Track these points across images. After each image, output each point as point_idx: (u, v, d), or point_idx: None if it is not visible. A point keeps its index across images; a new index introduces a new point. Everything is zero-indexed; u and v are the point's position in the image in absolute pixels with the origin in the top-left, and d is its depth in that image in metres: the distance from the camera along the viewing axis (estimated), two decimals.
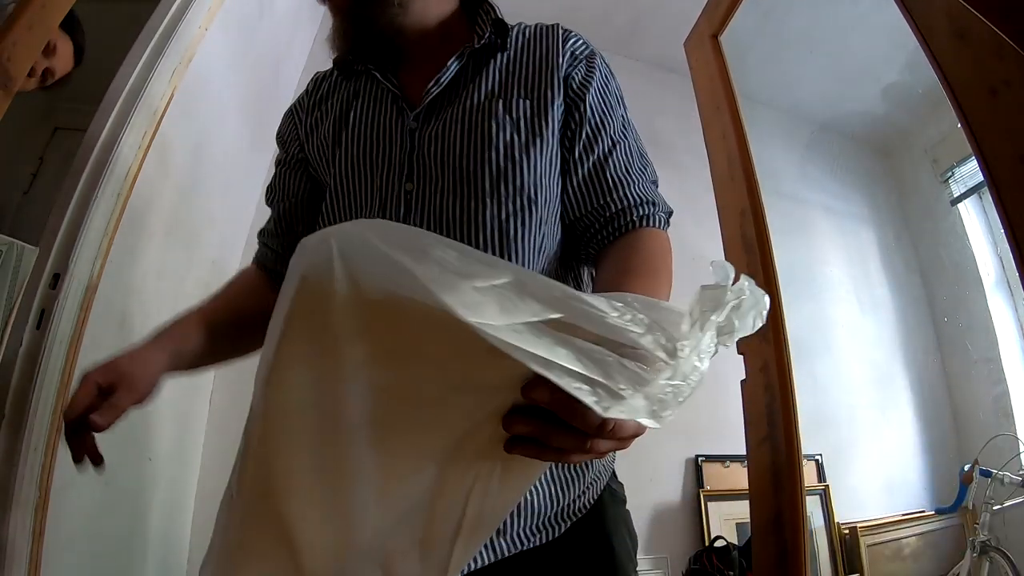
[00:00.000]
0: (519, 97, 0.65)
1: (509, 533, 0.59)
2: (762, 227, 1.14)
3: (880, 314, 2.80)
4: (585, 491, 0.64)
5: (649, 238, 0.66)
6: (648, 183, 0.71)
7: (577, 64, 0.70)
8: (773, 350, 1.03)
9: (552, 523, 0.61)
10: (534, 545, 0.60)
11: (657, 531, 1.98)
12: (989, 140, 0.71)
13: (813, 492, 2.22)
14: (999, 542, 1.98)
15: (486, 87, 0.66)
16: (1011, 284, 2.52)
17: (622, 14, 2.60)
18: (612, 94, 0.72)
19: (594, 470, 0.66)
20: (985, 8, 0.66)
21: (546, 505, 0.60)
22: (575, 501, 0.62)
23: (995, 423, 2.37)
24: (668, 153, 2.60)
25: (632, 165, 0.69)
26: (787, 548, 0.92)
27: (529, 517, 0.60)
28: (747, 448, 1.08)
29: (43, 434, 0.85)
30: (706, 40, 1.38)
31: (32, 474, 0.82)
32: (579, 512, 0.62)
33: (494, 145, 0.62)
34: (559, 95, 0.66)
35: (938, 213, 2.83)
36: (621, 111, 0.72)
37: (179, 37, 1.17)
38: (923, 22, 0.81)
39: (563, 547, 0.61)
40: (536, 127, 0.64)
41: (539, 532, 0.60)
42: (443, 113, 0.65)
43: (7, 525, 0.78)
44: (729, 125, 1.26)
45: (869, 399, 2.60)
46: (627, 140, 0.71)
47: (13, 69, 0.81)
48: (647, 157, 0.74)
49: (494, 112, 0.64)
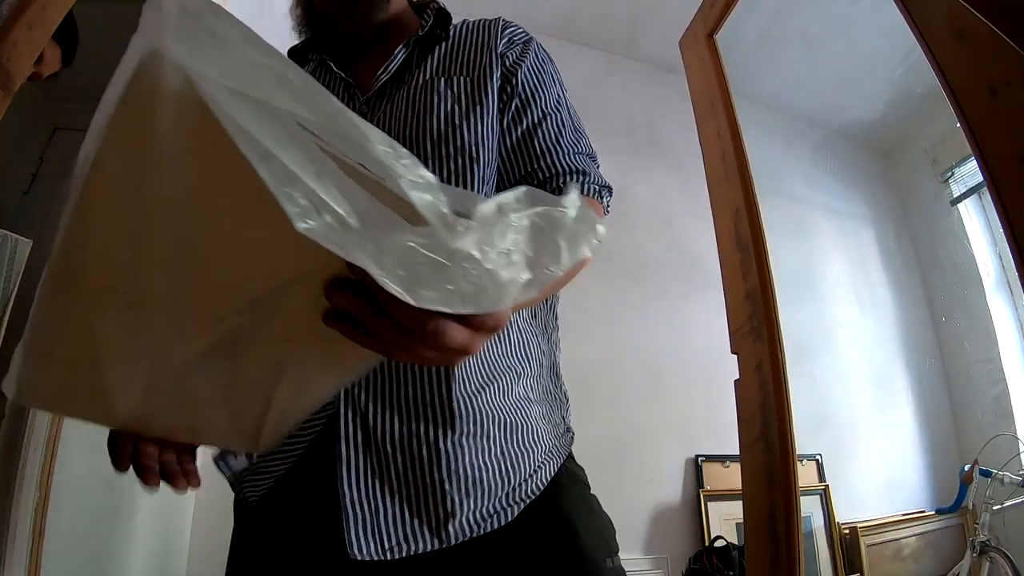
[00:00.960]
0: (459, 75, 0.69)
1: (459, 518, 0.56)
2: (756, 225, 1.13)
3: (880, 314, 2.80)
4: (538, 469, 0.61)
5: None
6: (581, 155, 0.71)
7: (513, 47, 0.72)
8: (767, 349, 1.03)
9: (504, 505, 0.58)
10: (485, 531, 0.57)
11: (657, 531, 1.98)
12: (989, 140, 0.71)
13: (813, 492, 2.22)
14: (999, 542, 1.98)
15: (430, 69, 0.70)
16: (1011, 284, 2.52)
17: (622, 14, 2.60)
18: (547, 73, 0.73)
19: (544, 445, 0.63)
20: (985, 8, 0.67)
21: (498, 483, 0.58)
22: (527, 480, 0.60)
23: (995, 423, 2.38)
24: (668, 153, 2.60)
25: (563, 136, 0.70)
26: (780, 549, 0.91)
27: (480, 498, 0.57)
28: (740, 448, 1.08)
29: (43, 434, 0.85)
30: (701, 39, 1.38)
31: (32, 474, 0.82)
32: (532, 493, 0.59)
33: (435, 114, 0.65)
34: (496, 70, 0.70)
35: (938, 213, 2.84)
36: (557, 89, 0.73)
37: None
38: (923, 22, 0.80)
39: (519, 532, 0.58)
40: (475, 96, 0.67)
41: (491, 516, 0.57)
42: (391, 96, 0.69)
43: (7, 525, 0.78)
44: (724, 123, 1.25)
45: (869, 399, 2.60)
46: (559, 113, 0.71)
47: (13, 69, 0.81)
48: (582, 132, 0.74)
49: (436, 87, 0.67)
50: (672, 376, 2.19)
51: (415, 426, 0.58)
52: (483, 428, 0.59)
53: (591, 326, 2.13)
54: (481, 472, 0.58)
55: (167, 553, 1.32)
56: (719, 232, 1.23)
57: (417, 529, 0.56)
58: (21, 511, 0.80)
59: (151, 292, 0.34)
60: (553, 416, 0.66)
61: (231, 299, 0.35)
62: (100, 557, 1.04)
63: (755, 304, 1.07)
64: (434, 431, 0.58)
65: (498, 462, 0.59)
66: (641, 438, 2.07)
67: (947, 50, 0.77)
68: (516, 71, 0.70)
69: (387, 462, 0.57)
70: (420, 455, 0.57)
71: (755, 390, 1.03)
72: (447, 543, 0.56)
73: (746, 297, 1.10)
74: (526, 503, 0.59)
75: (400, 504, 0.57)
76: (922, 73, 0.83)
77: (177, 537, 1.38)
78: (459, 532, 0.56)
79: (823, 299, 2.68)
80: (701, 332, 2.22)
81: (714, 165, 1.28)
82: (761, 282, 1.08)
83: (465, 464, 0.57)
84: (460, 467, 0.57)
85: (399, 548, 0.56)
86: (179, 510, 1.40)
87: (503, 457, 0.59)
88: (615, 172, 2.97)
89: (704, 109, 1.35)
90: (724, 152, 1.24)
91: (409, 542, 0.56)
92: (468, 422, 0.58)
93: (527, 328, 0.67)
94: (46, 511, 0.84)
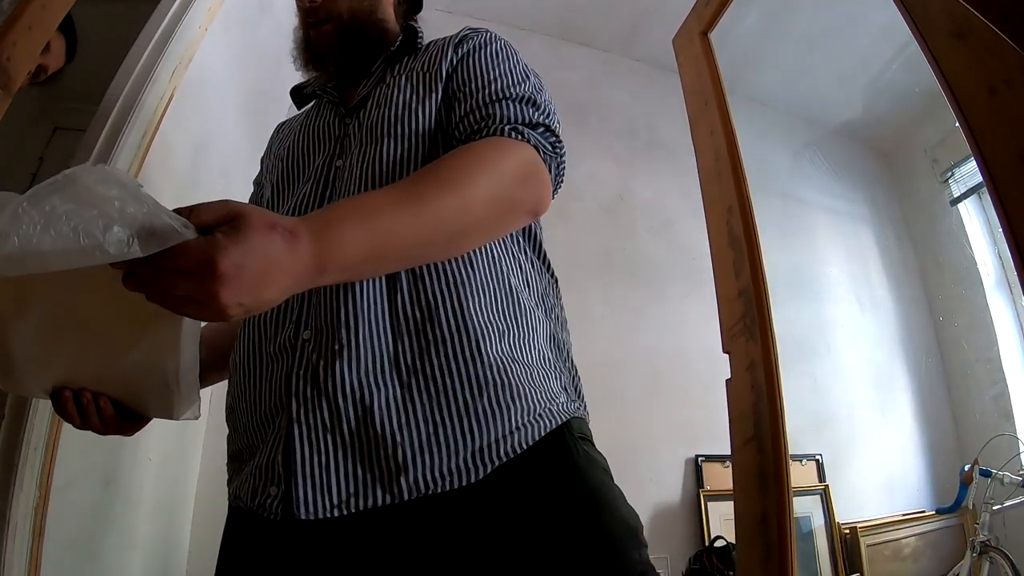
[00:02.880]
0: (419, 71, 0.76)
1: (412, 473, 0.54)
2: (749, 224, 1.13)
3: (880, 314, 2.80)
4: (518, 429, 0.57)
5: (477, 144, 0.64)
6: (506, 100, 0.68)
7: (465, 41, 0.77)
8: (760, 349, 1.02)
9: (470, 464, 0.55)
10: (444, 489, 0.54)
11: (657, 531, 1.98)
12: (988, 139, 0.71)
13: (813, 492, 2.22)
14: (999, 542, 1.98)
15: (396, 73, 0.78)
16: (1011, 284, 2.52)
17: (622, 14, 2.60)
18: (487, 47, 0.75)
19: (529, 407, 0.58)
20: (985, 8, 0.67)
21: (459, 440, 0.55)
22: (502, 440, 0.56)
23: (995, 423, 2.38)
24: (668, 153, 2.60)
25: (487, 75, 0.71)
26: (772, 552, 0.90)
27: (437, 455, 0.54)
28: (731, 448, 1.07)
29: (43, 434, 0.85)
30: (695, 37, 1.38)
31: (32, 474, 0.82)
32: (508, 453, 0.55)
33: (394, 102, 0.72)
34: (447, 62, 0.75)
35: (938, 213, 2.84)
36: (510, 64, 0.73)
37: (179, 37, 1.17)
38: (923, 21, 0.80)
39: (497, 492, 0.54)
40: (429, 86, 0.73)
41: (451, 474, 0.54)
42: (366, 104, 0.77)
43: (7, 525, 0.78)
44: (717, 121, 1.25)
45: (869, 399, 2.60)
46: (509, 78, 0.71)
47: (13, 69, 0.81)
48: (522, 78, 0.72)
49: (397, 83, 0.75)
50: (672, 376, 2.19)
51: (367, 378, 0.56)
52: (441, 383, 0.57)
53: (591, 326, 2.13)
54: (437, 427, 0.55)
55: (167, 553, 1.32)
56: (711, 230, 1.23)
57: (368, 483, 0.54)
58: (21, 511, 0.80)
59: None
60: (550, 384, 0.62)
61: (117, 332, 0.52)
62: (100, 557, 1.04)
63: (748, 303, 1.07)
64: (386, 383, 0.56)
65: (460, 418, 0.56)
66: (641, 438, 2.07)
67: (947, 49, 0.77)
68: (462, 56, 0.75)
69: (339, 416, 0.56)
70: (372, 407, 0.56)
71: (747, 390, 1.03)
72: (399, 498, 0.54)
73: (738, 296, 1.10)
74: (501, 463, 0.55)
75: (351, 457, 0.55)
76: (922, 73, 0.83)
77: (177, 537, 1.38)
78: (413, 488, 0.54)
79: (823, 299, 2.68)
80: (701, 332, 2.22)
81: (707, 163, 1.28)
82: (754, 281, 1.07)
83: (419, 418, 0.56)
84: (414, 421, 0.55)
85: (349, 503, 0.54)
86: (179, 510, 1.40)
87: (466, 414, 0.56)
88: (615, 172, 2.96)
89: (697, 107, 1.35)
90: (717, 150, 1.24)
91: (359, 496, 0.54)
92: (422, 375, 0.57)
93: (517, 290, 0.65)
94: (46, 511, 0.84)
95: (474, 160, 0.61)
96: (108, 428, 0.58)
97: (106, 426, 0.58)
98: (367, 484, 0.55)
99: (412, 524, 0.54)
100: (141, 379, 0.55)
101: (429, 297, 0.60)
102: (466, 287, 0.61)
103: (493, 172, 0.60)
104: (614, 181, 2.51)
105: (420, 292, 0.60)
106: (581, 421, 0.64)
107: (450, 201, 0.56)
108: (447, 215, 0.56)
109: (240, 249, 0.41)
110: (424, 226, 0.55)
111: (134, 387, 0.57)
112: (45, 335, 0.52)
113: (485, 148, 0.63)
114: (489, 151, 0.63)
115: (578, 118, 2.50)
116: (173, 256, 0.40)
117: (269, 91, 1.75)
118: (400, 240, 0.53)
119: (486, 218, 0.60)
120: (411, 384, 0.57)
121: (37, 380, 0.56)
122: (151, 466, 1.21)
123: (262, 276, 0.43)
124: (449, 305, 0.60)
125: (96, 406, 0.56)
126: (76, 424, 0.57)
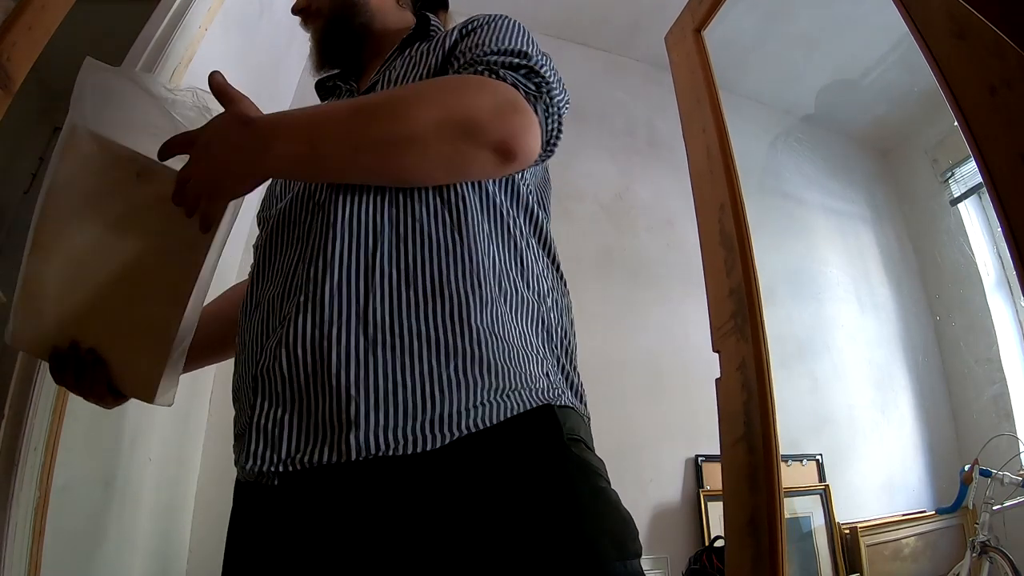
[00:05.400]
0: (423, 51, 0.75)
1: (363, 430, 0.51)
2: (741, 222, 1.12)
3: (880, 314, 2.80)
4: (482, 405, 0.53)
5: (446, 76, 0.63)
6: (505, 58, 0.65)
7: (473, 20, 0.75)
8: (751, 348, 1.01)
9: (428, 432, 0.52)
10: (396, 453, 0.51)
11: (657, 531, 1.98)
12: (988, 139, 0.71)
13: (813, 492, 2.22)
14: (999, 542, 1.98)
15: (405, 57, 0.78)
16: (1010, 284, 2.52)
17: (622, 14, 2.60)
18: (491, 22, 0.72)
19: (501, 384, 0.55)
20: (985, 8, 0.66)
21: (419, 405, 0.52)
22: (463, 413, 0.52)
23: (995, 423, 2.37)
24: (668, 153, 2.60)
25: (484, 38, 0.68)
26: (763, 553, 0.89)
27: (393, 415, 0.52)
28: (721, 448, 1.06)
29: (43, 434, 0.85)
30: (688, 34, 1.37)
31: (32, 474, 0.82)
32: (470, 427, 0.52)
33: (394, 78, 0.73)
34: (450, 40, 0.73)
35: (938, 213, 2.84)
36: (514, 35, 0.70)
37: (179, 37, 1.17)
38: (922, 21, 0.80)
39: (455, 463, 0.51)
40: (429, 58, 0.72)
41: (404, 439, 0.51)
42: (376, 87, 0.77)
43: (7, 525, 0.78)
44: (709, 119, 1.24)
45: (869, 399, 2.60)
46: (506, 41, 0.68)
47: (13, 69, 0.81)
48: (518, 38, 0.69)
49: (404, 64, 0.75)
50: (672, 376, 2.19)
51: (330, 328, 0.55)
52: (408, 343, 0.54)
53: (591, 326, 2.13)
54: (397, 387, 0.53)
55: (167, 553, 1.32)
56: (702, 229, 1.22)
57: (317, 438, 0.53)
58: (21, 511, 0.80)
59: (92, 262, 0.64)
60: (529, 366, 0.58)
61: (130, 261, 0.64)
62: (100, 557, 1.04)
63: (739, 302, 1.07)
64: (349, 336, 0.54)
65: (422, 382, 0.53)
66: (641, 438, 2.07)
67: (946, 49, 0.77)
68: (468, 32, 0.73)
69: (296, 365, 0.55)
70: (330, 356, 0.53)
71: (737, 389, 1.02)
72: (346, 456, 0.51)
73: (729, 295, 1.10)
74: (461, 435, 0.52)
75: (303, 410, 0.54)
76: (921, 73, 0.82)
77: (177, 537, 1.38)
78: (362, 446, 0.51)
79: (823, 299, 2.68)
80: (701, 332, 2.20)
81: (698, 161, 1.28)
82: (746, 279, 1.07)
83: (379, 375, 0.53)
84: (372, 376, 0.53)
85: (295, 458, 0.53)
86: (179, 510, 1.40)
87: (430, 380, 0.53)
88: (615, 172, 2.96)
89: (689, 105, 1.34)
90: (709, 148, 1.23)
91: (304, 452, 0.53)
92: (389, 333, 0.55)
93: (505, 267, 0.62)
94: (46, 511, 0.84)
95: (435, 84, 0.61)
96: (94, 394, 0.67)
97: (92, 392, 0.67)
98: (315, 439, 0.53)
99: (362, 488, 0.52)
100: (141, 339, 0.65)
101: (409, 260, 0.58)
102: (450, 254, 0.58)
103: (450, 94, 0.59)
104: (614, 181, 2.51)
105: (401, 253, 0.58)
106: (572, 416, 0.59)
107: (393, 109, 0.57)
108: (384, 124, 0.56)
109: (205, 133, 0.58)
110: (358, 127, 0.56)
111: (133, 346, 0.66)
112: (80, 273, 0.63)
113: (452, 78, 0.62)
114: (455, 80, 0.61)
115: (578, 118, 2.50)
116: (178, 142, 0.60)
117: (269, 91, 1.75)
118: (336, 136, 0.56)
119: (432, 137, 0.56)
120: (376, 339, 0.54)
121: (56, 320, 0.64)
122: (151, 466, 1.21)
123: (223, 149, 0.57)
124: (429, 269, 0.57)
125: (92, 371, 0.65)
126: (70, 385, 0.66)
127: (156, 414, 1.22)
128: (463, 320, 0.56)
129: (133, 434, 1.14)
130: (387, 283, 0.57)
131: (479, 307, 0.57)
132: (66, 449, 0.88)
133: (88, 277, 0.64)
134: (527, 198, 0.69)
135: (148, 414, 1.17)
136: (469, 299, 0.57)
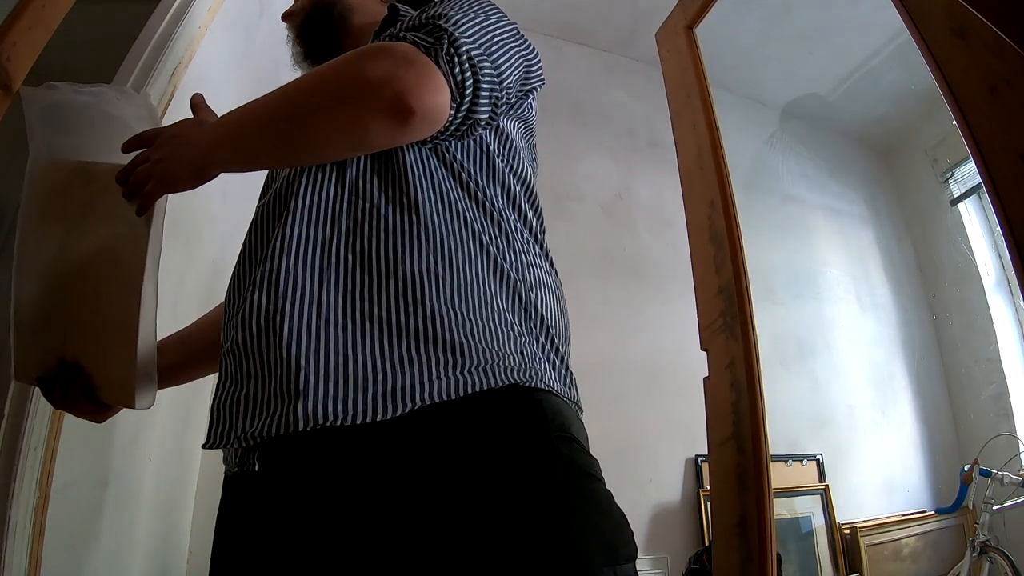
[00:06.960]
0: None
1: (311, 400, 0.50)
2: (731, 219, 1.10)
3: (880, 314, 2.80)
4: (438, 379, 0.51)
5: (350, 52, 0.61)
6: (419, 20, 0.63)
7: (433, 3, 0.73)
8: (741, 347, 1.00)
9: (377, 402, 0.50)
10: (345, 423, 0.49)
11: (657, 531, 1.98)
12: (988, 139, 0.71)
13: (813, 492, 2.22)
14: (999, 542, 1.98)
15: None
16: (1010, 284, 2.52)
17: (622, 14, 2.60)
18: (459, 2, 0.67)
19: (464, 361, 0.53)
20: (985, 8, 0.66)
21: (363, 379, 0.51)
22: (418, 386, 0.51)
23: (995, 423, 2.38)
24: (668, 153, 2.58)
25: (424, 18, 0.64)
26: (752, 554, 0.87)
27: (339, 387, 0.50)
28: (708, 448, 1.05)
29: (43, 434, 0.85)
30: (680, 31, 1.36)
31: (32, 474, 0.82)
32: (426, 399, 0.50)
33: None
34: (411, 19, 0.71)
35: (938, 213, 2.84)
36: (455, 4, 0.66)
37: (179, 37, 1.17)
38: (922, 21, 0.80)
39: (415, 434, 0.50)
40: None
41: (355, 409, 0.50)
42: None
43: (7, 525, 0.78)
44: (700, 115, 1.23)
45: (869, 399, 2.60)
46: (444, 7, 0.65)
47: (13, 69, 0.81)
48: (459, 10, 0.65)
49: None
50: (672, 376, 2.19)
51: (283, 303, 0.55)
52: (360, 322, 0.54)
53: (591, 326, 2.13)
54: (348, 361, 0.52)
55: (167, 553, 1.32)
56: (691, 225, 1.21)
57: (268, 409, 0.52)
58: (21, 511, 0.80)
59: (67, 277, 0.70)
60: (500, 343, 0.56)
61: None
62: (100, 557, 1.04)
63: (728, 300, 1.06)
64: (302, 311, 0.54)
65: (374, 359, 0.52)
66: (641, 438, 2.07)
67: (946, 48, 0.77)
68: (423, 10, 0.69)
69: (250, 339, 0.55)
70: (282, 329, 0.53)
71: (726, 389, 1.01)
72: (293, 427, 0.49)
73: (718, 293, 1.09)
74: (418, 406, 0.50)
75: (255, 384, 0.54)
76: (921, 73, 0.82)
77: (177, 537, 1.38)
78: (310, 415, 0.49)
79: (823, 299, 2.68)
80: None
81: (688, 157, 1.26)
82: (736, 277, 1.05)
83: (330, 348, 0.52)
84: (323, 349, 0.52)
85: (248, 432, 0.53)
86: (179, 510, 1.40)
87: (381, 357, 0.52)
88: (615, 172, 2.96)
89: (679, 102, 1.33)
90: (699, 144, 1.22)
91: (256, 425, 0.52)
92: (341, 312, 0.54)
93: (469, 244, 0.60)
94: (46, 511, 0.84)
95: (335, 60, 0.60)
96: (80, 407, 0.71)
97: (78, 405, 0.71)
98: (266, 412, 0.52)
99: (315, 459, 0.51)
100: (110, 337, 0.68)
101: (365, 244, 0.58)
102: (405, 236, 0.58)
103: (344, 64, 0.59)
104: (614, 181, 2.51)
105: (357, 237, 0.58)
106: (562, 408, 0.57)
107: (295, 88, 0.62)
108: (287, 102, 0.61)
109: (170, 128, 0.65)
110: (268, 110, 0.62)
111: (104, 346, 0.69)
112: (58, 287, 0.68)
113: (351, 51, 0.60)
114: (353, 52, 0.59)
115: (578, 118, 2.50)
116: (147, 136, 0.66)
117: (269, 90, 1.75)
118: (254, 120, 0.62)
119: (325, 106, 0.57)
120: (329, 318, 0.54)
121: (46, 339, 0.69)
122: (151, 466, 1.21)
123: (180, 143, 0.63)
124: (384, 252, 0.57)
125: (76, 386, 0.69)
126: (58, 403, 0.71)
127: (156, 414, 1.21)
128: (416, 300, 0.55)
129: (133, 434, 1.14)
130: (342, 266, 0.57)
131: (435, 286, 0.56)
132: (66, 449, 0.88)
133: (64, 289, 0.69)
134: (503, 171, 0.67)
135: (148, 414, 1.16)
136: (424, 278, 0.56)
